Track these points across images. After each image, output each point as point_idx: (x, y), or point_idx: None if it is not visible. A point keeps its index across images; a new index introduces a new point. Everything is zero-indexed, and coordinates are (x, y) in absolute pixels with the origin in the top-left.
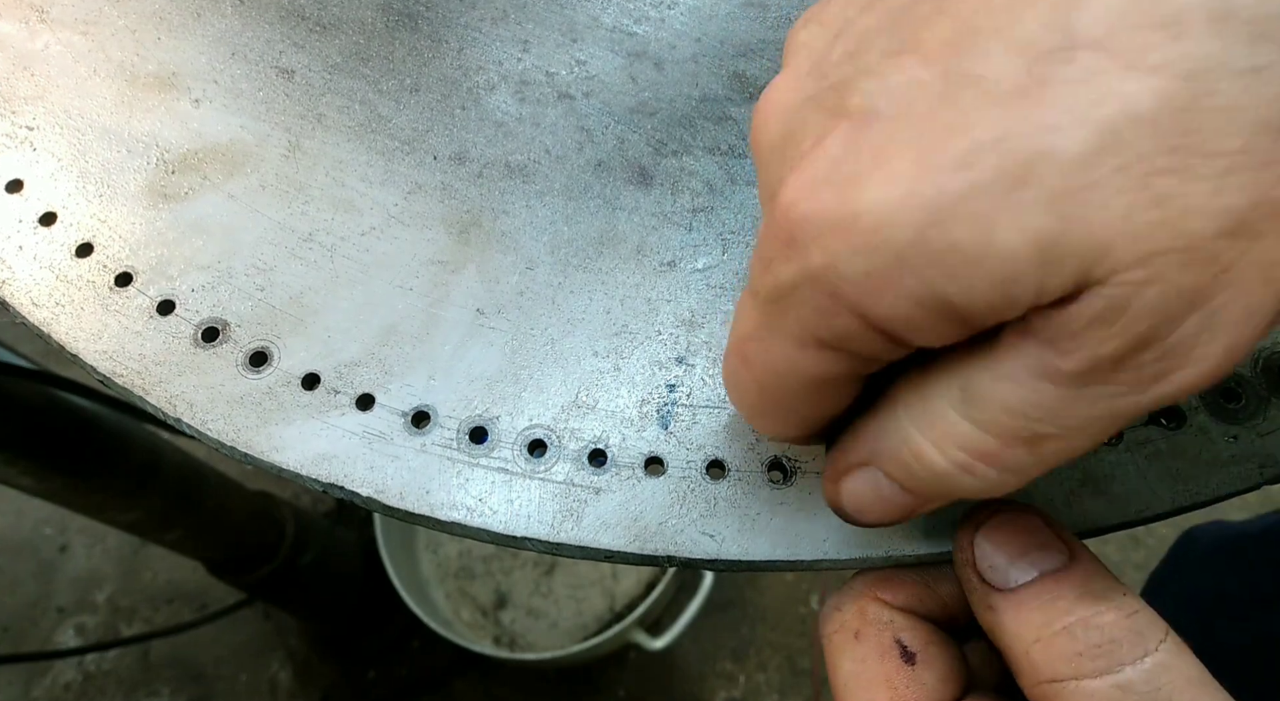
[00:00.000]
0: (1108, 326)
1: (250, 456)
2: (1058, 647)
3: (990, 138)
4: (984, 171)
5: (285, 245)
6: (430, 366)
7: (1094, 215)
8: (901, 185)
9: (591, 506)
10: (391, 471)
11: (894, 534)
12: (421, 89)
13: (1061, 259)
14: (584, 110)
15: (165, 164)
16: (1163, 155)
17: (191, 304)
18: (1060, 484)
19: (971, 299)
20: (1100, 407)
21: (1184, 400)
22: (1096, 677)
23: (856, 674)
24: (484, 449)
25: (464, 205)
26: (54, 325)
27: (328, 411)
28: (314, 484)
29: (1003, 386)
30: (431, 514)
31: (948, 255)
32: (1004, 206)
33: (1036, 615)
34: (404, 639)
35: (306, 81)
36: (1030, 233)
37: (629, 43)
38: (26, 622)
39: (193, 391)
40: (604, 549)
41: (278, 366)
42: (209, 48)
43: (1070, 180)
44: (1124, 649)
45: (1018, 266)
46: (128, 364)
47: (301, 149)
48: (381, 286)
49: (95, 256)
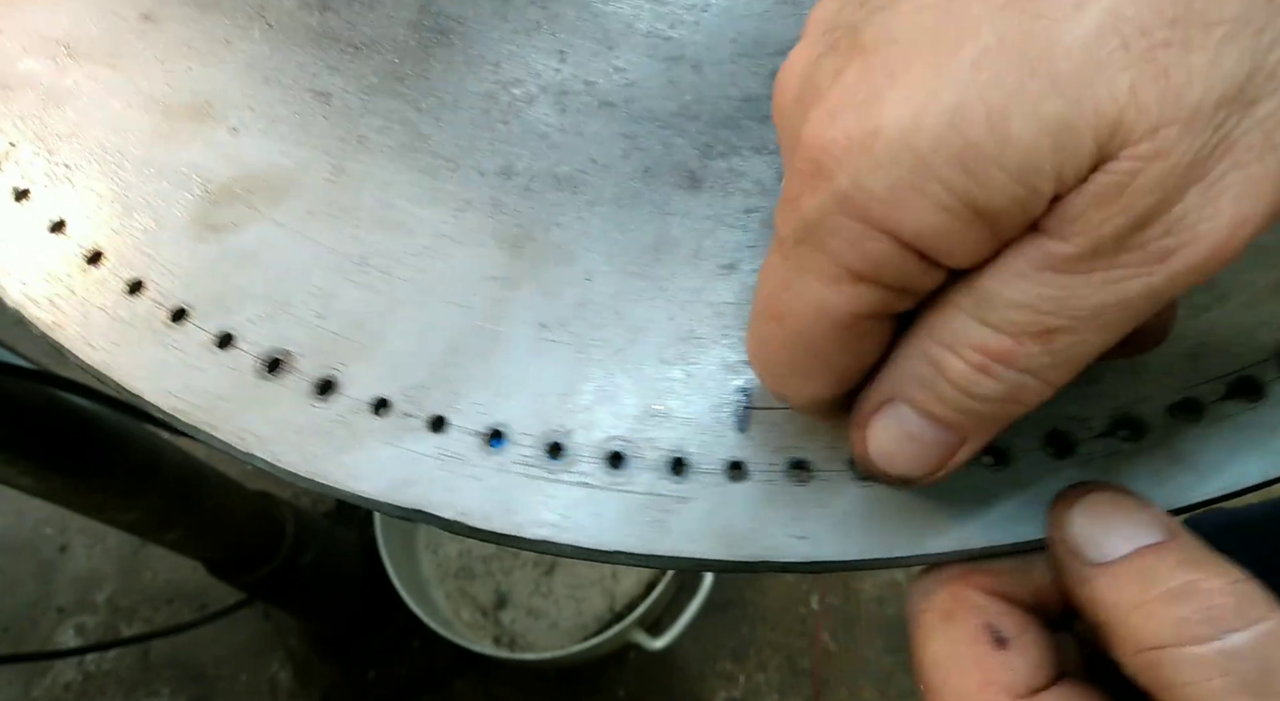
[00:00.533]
0: (1107, 206)
1: (327, 486)
2: (1160, 613)
3: (996, 38)
4: (994, 70)
5: (340, 270)
6: (499, 384)
7: (1102, 92)
8: (916, 96)
9: (678, 516)
10: (473, 492)
11: (990, 524)
12: (461, 105)
13: (1076, 140)
14: (627, 117)
15: (209, 195)
16: (1163, 28)
17: (251, 335)
18: (1148, 462)
19: (995, 196)
20: (1108, 292)
21: (1201, 281)
22: (1202, 644)
23: (947, 654)
24: (563, 464)
25: (515, 219)
26: (112, 366)
27: (401, 436)
28: (394, 511)
29: (1009, 282)
30: (518, 533)
31: (968, 154)
32: (1016, 99)
33: (1136, 583)
34: (404, 639)
35: (344, 104)
36: (1043, 119)
37: (666, 47)
38: (26, 622)
39: (261, 424)
40: (695, 558)
41: (346, 393)
42: (241, 74)
43: (1076, 63)
44: (1230, 615)
45: (1036, 155)
46: (192, 400)
47: (346, 172)
48: (441, 306)
49: (147, 293)
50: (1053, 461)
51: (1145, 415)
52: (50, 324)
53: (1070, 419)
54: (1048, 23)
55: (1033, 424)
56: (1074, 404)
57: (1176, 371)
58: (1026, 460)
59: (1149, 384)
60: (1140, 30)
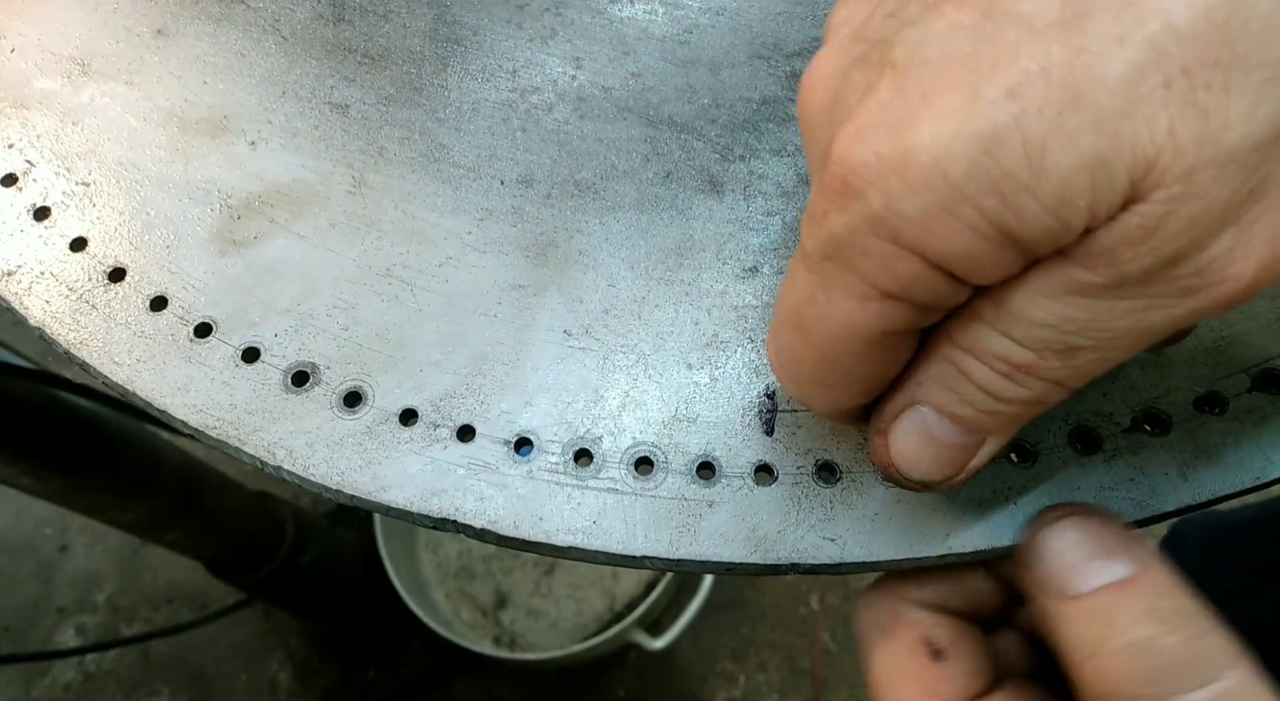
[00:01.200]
0: (1136, 246)
1: (357, 498)
2: (1115, 667)
3: (1036, 68)
4: (1032, 100)
5: (364, 282)
6: (526, 392)
7: (1140, 131)
8: (953, 121)
9: (707, 520)
10: (502, 501)
11: (1017, 522)
12: (479, 114)
13: (1111, 178)
14: (645, 122)
15: (230, 209)
16: (1205, 69)
17: (276, 349)
18: (1173, 457)
19: (1029, 225)
20: (1131, 319)
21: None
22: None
23: (888, 670)
24: (591, 470)
25: (537, 228)
26: (137, 382)
27: (430, 446)
28: (424, 521)
29: (1037, 302)
30: (548, 540)
31: (1004, 183)
32: (1054, 131)
33: (1096, 628)
34: (404, 639)
35: (363, 115)
36: (1081, 154)
37: (682, 51)
38: (27, 622)
39: (290, 437)
40: (724, 561)
41: (373, 405)
42: (258, 88)
43: (1117, 99)
44: (1183, 675)
45: (1071, 189)
46: (219, 415)
47: (367, 184)
48: (466, 315)
49: (171, 309)
50: (1079, 457)
51: (1170, 409)
52: (74, 341)
53: (1095, 415)
54: (1089, 56)
55: (1058, 421)
56: (1099, 399)
57: (1200, 365)
58: (1052, 457)
59: (1173, 378)
60: (1183, 70)
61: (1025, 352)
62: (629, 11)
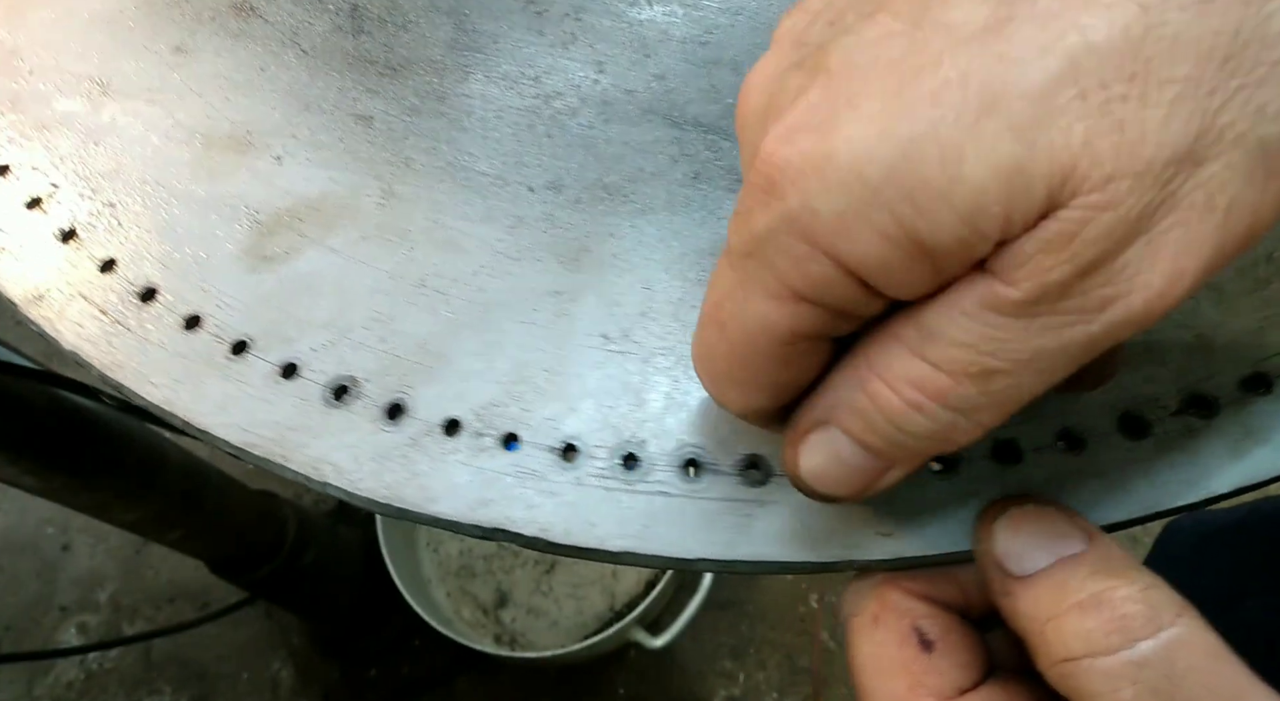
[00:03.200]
0: (1056, 253)
1: (405, 510)
2: (1071, 625)
3: (957, 74)
4: (951, 106)
5: (399, 294)
6: (568, 398)
7: (1057, 140)
8: (873, 124)
9: (759, 520)
10: (552, 508)
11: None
12: (504, 121)
13: (1027, 186)
14: (671, 124)
15: (259, 225)
16: (1121, 82)
17: (315, 364)
18: (1223, 438)
19: (941, 234)
20: (1048, 338)
21: (1138, 332)
22: (1111, 654)
23: (875, 657)
24: (639, 474)
25: (569, 233)
26: (175, 402)
27: (476, 455)
28: (474, 531)
29: (954, 319)
30: (601, 546)
31: (918, 189)
32: (971, 138)
33: (1051, 595)
34: (405, 637)
35: (387, 126)
36: (996, 162)
37: (703, 52)
38: (29, 621)
39: (334, 452)
40: (779, 561)
41: (416, 416)
42: (280, 102)
43: (1034, 108)
44: (1138, 623)
45: (985, 197)
46: (261, 433)
47: (395, 195)
48: (504, 323)
49: (205, 327)
50: (1128, 443)
51: (1216, 391)
52: (109, 364)
53: (1142, 400)
54: (1009, 64)
55: (1105, 407)
56: (1143, 385)
57: (1243, 347)
58: (1102, 444)
59: (1216, 361)
60: (1099, 82)
61: (939, 375)
62: (648, 14)
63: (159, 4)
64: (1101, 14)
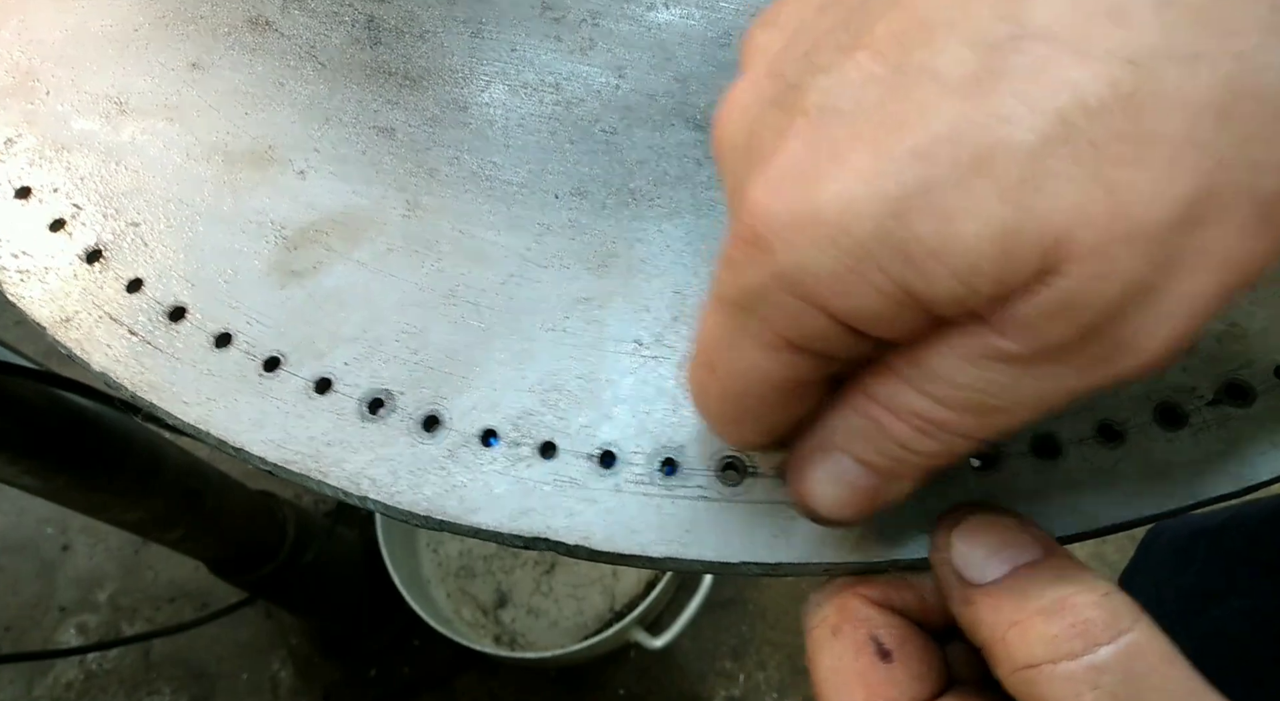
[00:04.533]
0: (1053, 319)
1: (445, 522)
2: (1033, 631)
3: (946, 129)
4: (941, 164)
5: (429, 305)
6: (603, 405)
7: (1050, 204)
8: (860, 179)
9: (800, 523)
10: (592, 516)
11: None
12: (526, 129)
13: (1020, 249)
14: (694, 126)
15: (285, 240)
16: (1114, 142)
17: (348, 378)
18: (1261, 426)
19: (936, 290)
20: (1049, 384)
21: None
22: (1074, 659)
23: (834, 669)
24: (678, 480)
25: (596, 239)
26: (210, 421)
27: (513, 465)
28: (515, 541)
29: (954, 364)
30: (643, 553)
31: (911, 247)
32: (963, 197)
33: (1011, 602)
34: (405, 637)
35: (409, 137)
36: (989, 223)
37: (723, 54)
38: (28, 622)
39: (372, 467)
40: (824, 563)
41: (452, 427)
42: (300, 116)
43: (1026, 170)
44: (1099, 628)
45: (979, 257)
46: (298, 449)
47: (421, 206)
48: (535, 332)
49: (236, 344)
50: (1166, 433)
51: (1252, 379)
52: (141, 385)
53: (1178, 390)
54: (999, 121)
55: (1141, 399)
56: (1179, 375)
57: (1277, 335)
58: (1141, 435)
59: (1251, 349)
60: (1090, 142)
61: (943, 411)
62: (666, 16)
63: (172, 20)
64: (1091, 68)
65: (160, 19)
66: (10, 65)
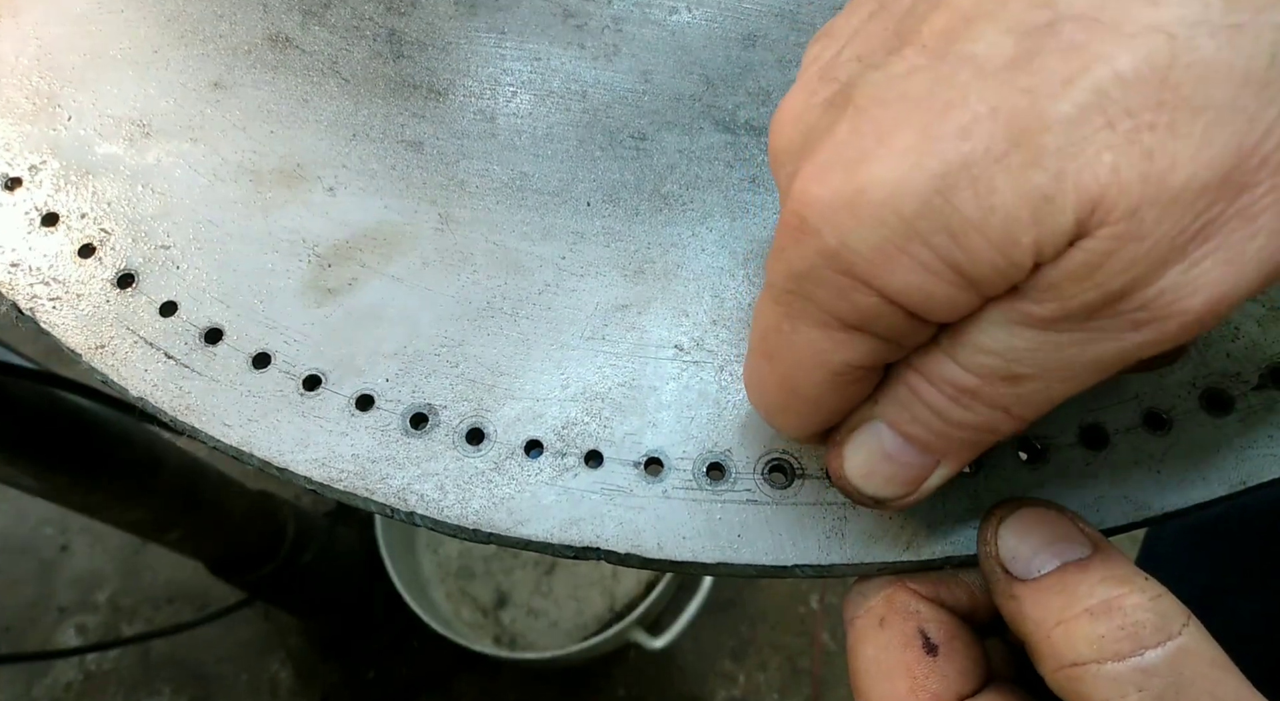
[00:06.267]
0: (1080, 281)
1: (495, 535)
2: (1080, 630)
3: (986, 108)
4: (981, 139)
5: (466, 317)
6: (647, 412)
7: (1085, 170)
8: (905, 159)
9: (852, 522)
10: (642, 523)
11: (1162, 487)
12: (555, 138)
13: (1057, 214)
14: (723, 128)
15: (318, 258)
16: (1149, 111)
17: (390, 394)
18: None
19: (978, 262)
20: (1077, 350)
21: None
22: (1120, 661)
23: (878, 660)
24: (726, 484)
25: (631, 245)
26: (253, 442)
27: (560, 475)
28: (566, 551)
29: (984, 330)
30: (695, 559)
31: (953, 221)
32: (1001, 170)
33: (1059, 599)
34: (404, 638)
35: (438, 150)
36: (1026, 191)
37: (748, 55)
38: (27, 622)
39: (419, 482)
40: (877, 562)
41: (497, 440)
42: (327, 133)
43: (1062, 139)
44: (1147, 632)
45: (1017, 225)
46: (342, 467)
47: (453, 219)
48: (574, 341)
49: (275, 364)
50: (1214, 419)
51: None
52: (180, 408)
53: (1223, 376)
54: (1036, 97)
55: (1187, 386)
56: (1224, 361)
57: None
58: (1188, 422)
59: None
60: (1126, 111)
61: (970, 377)
62: (688, 19)
63: (192, 39)
64: (1126, 44)
65: (179, 39)
66: (31, 91)
